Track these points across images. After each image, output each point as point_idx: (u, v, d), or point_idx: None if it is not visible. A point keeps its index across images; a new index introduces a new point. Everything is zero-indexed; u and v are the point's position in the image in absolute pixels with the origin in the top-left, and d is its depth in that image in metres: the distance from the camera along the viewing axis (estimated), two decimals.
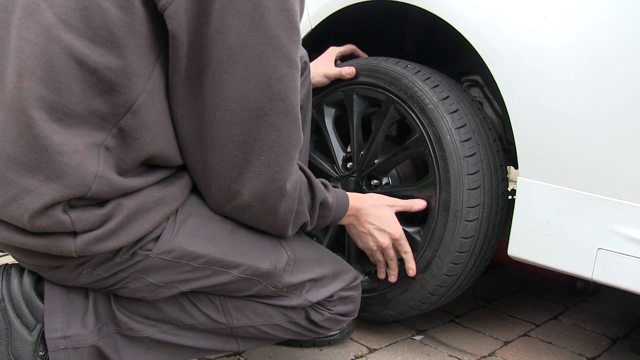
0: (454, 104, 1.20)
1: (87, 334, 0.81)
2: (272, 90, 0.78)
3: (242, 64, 0.75)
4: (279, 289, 0.92)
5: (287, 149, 0.82)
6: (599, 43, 1.01)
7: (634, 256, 1.00)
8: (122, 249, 0.77)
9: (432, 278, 1.20)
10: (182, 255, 0.81)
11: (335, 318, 1.00)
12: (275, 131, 0.80)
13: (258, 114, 0.78)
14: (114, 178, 0.73)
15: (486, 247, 1.22)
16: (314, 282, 0.96)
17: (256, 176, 0.81)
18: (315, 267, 0.97)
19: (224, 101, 0.76)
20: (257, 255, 0.89)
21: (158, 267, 0.80)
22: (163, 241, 0.79)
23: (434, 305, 1.28)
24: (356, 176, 1.34)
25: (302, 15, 0.84)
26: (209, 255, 0.83)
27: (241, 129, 0.78)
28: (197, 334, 0.91)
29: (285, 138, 0.81)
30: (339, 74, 1.34)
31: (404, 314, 1.29)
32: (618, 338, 1.50)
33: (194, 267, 0.83)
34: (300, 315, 0.96)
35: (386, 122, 1.29)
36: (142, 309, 0.86)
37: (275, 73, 0.77)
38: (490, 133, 1.23)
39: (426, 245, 1.20)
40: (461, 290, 1.29)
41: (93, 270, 0.78)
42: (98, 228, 0.73)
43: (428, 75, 1.24)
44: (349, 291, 1.01)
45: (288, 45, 0.78)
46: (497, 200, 1.20)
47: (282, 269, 0.91)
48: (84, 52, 0.68)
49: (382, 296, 1.28)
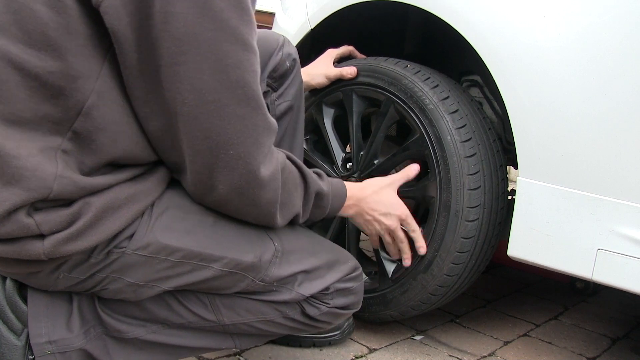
0: (454, 104, 1.20)
1: (73, 337, 0.80)
2: (229, 78, 0.73)
3: (193, 54, 0.71)
4: (268, 283, 0.88)
5: (256, 137, 0.78)
6: (599, 43, 1.01)
7: (633, 256, 1.00)
8: (97, 249, 0.75)
9: (433, 278, 1.20)
10: (158, 249, 0.78)
11: (333, 312, 0.95)
12: (239, 121, 0.76)
13: (218, 105, 0.74)
14: (77, 178, 0.71)
15: (487, 247, 1.22)
16: (306, 274, 0.91)
17: (228, 171, 0.77)
18: (308, 258, 0.92)
19: (181, 95, 0.72)
20: (240, 247, 0.85)
21: (135, 264, 0.78)
22: (138, 237, 0.77)
23: (435, 305, 1.28)
24: (356, 177, 1.34)
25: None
26: (187, 248, 0.80)
27: (202, 123, 0.74)
28: (189, 332, 0.89)
29: (252, 126, 0.77)
30: (340, 74, 1.34)
31: (405, 314, 1.29)
32: (618, 338, 1.50)
33: (172, 262, 0.80)
34: (295, 311, 0.93)
35: (386, 122, 1.29)
36: (128, 310, 0.84)
37: (229, 59, 0.73)
38: (490, 133, 1.23)
39: (427, 246, 1.20)
40: (462, 290, 1.29)
41: (69, 274, 0.76)
42: (66, 228, 0.71)
43: (428, 75, 1.24)
44: (348, 282, 0.96)
45: (240, 27, 0.73)
46: (497, 200, 1.21)
47: (268, 261, 0.87)
48: (21, 57, 0.67)
49: (382, 296, 1.28)
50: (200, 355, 1.17)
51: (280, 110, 1.15)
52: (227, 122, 0.75)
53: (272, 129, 0.82)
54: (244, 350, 1.21)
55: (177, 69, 0.71)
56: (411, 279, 1.23)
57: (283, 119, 1.16)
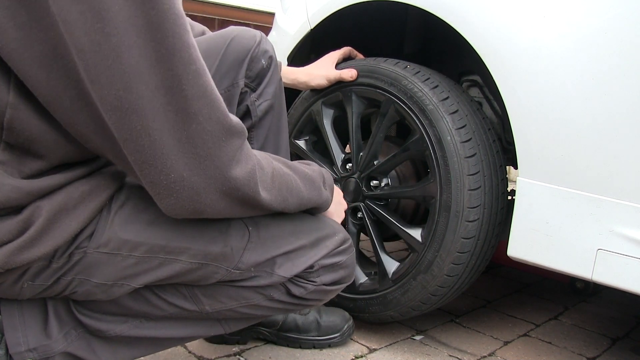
0: (454, 104, 1.20)
1: (53, 342, 0.77)
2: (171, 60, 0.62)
3: (108, 59, 0.60)
4: (244, 271, 0.82)
5: (215, 130, 0.67)
6: (599, 43, 1.01)
7: (633, 256, 1.00)
8: (56, 253, 0.71)
9: (433, 278, 1.20)
10: (119, 245, 0.74)
11: (321, 289, 0.89)
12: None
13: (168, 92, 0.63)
14: (20, 183, 0.66)
15: (487, 248, 1.23)
16: (286, 255, 0.85)
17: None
18: (287, 239, 0.86)
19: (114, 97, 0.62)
20: (208, 236, 0.79)
21: (99, 263, 0.74)
22: (98, 234, 0.73)
23: (435, 305, 1.28)
24: (356, 177, 1.34)
25: None
26: (149, 242, 0.75)
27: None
28: (173, 323, 0.85)
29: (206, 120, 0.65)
30: (340, 76, 1.34)
31: (405, 314, 1.29)
32: (618, 338, 1.50)
33: (137, 258, 0.75)
34: (279, 292, 0.87)
35: (386, 123, 1.29)
36: (105, 308, 0.81)
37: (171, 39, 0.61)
38: (489, 133, 1.23)
39: (427, 246, 1.20)
40: (462, 290, 1.29)
41: (33, 282, 0.73)
42: (17, 237, 0.67)
43: (427, 76, 1.24)
44: (335, 257, 0.90)
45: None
46: (497, 201, 1.21)
47: (241, 248, 0.81)
48: None
49: (382, 297, 1.28)
50: (200, 356, 1.17)
51: (261, 110, 1.11)
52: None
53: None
54: (244, 350, 1.21)
55: (99, 76, 0.61)
56: (411, 280, 1.23)
57: (265, 119, 1.12)
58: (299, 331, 1.24)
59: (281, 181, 0.80)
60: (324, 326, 1.25)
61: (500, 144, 1.28)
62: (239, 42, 1.05)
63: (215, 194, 0.69)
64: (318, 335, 1.24)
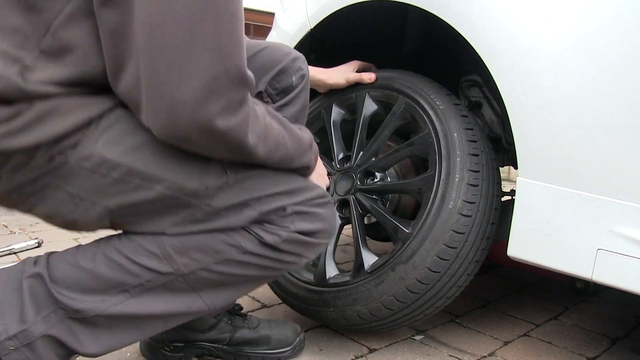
0: (464, 110, 1.27)
1: (30, 327, 0.78)
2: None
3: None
4: (215, 210, 0.83)
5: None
6: (599, 43, 1.01)
7: (633, 256, 1.00)
8: (38, 152, 0.74)
9: (413, 269, 1.15)
10: (99, 162, 0.76)
11: (296, 238, 0.86)
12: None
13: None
14: (26, 84, 0.71)
15: (473, 253, 1.19)
16: (259, 200, 0.84)
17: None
18: (265, 186, 0.85)
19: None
20: (186, 171, 0.80)
21: (77, 175, 0.76)
22: (82, 147, 0.75)
23: (408, 308, 1.20)
24: (351, 172, 1.36)
25: None
26: (128, 165, 0.77)
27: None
28: (152, 296, 0.84)
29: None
30: (360, 78, 1.42)
31: (374, 312, 1.21)
32: (618, 338, 1.50)
33: (113, 179, 0.77)
34: (251, 242, 0.85)
35: (395, 122, 1.33)
36: (83, 283, 0.81)
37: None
38: (488, 140, 1.29)
39: (414, 236, 1.17)
40: (438, 305, 1.23)
41: (12, 174, 0.75)
42: (3, 123, 0.71)
43: (442, 87, 1.33)
44: (312, 207, 0.87)
45: None
46: (491, 201, 1.21)
47: (215, 188, 0.82)
48: None
49: (353, 289, 1.23)
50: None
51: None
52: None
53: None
54: None
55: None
56: (389, 270, 1.18)
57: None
58: (248, 345, 1.20)
59: (271, 133, 0.83)
60: (275, 339, 1.21)
61: (500, 144, 1.29)
62: (270, 52, 1.08)
63: (205, 128, 0.72)
64: (268, 348, 1.20)
